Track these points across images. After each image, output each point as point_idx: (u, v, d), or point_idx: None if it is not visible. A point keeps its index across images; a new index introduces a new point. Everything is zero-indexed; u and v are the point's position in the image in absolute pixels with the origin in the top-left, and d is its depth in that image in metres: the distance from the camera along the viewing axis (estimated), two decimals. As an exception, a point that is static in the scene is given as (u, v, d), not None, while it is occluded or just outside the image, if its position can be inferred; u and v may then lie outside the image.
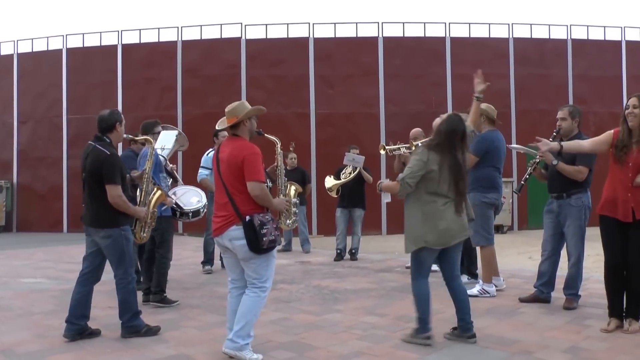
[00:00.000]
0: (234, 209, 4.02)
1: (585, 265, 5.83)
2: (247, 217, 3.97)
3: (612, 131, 4.72)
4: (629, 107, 4.54)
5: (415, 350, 4.23)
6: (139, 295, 6.08)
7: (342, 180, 9.25)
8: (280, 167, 5.01)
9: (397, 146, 7.74)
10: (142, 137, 5.64)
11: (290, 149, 10.23)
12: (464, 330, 4.43)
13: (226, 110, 4.21)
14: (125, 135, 5.07)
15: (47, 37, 16.71)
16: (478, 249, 6.40)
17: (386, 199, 4.67)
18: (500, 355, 4.07)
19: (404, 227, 4.49)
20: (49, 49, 16.65)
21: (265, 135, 4.81)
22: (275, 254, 4.23)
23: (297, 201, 5.58)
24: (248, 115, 4.19)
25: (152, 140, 5.43)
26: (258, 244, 3.94)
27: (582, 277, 5.58)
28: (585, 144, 4.93)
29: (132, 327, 4.73)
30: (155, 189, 5.31)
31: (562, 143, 4.99)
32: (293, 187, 9.17)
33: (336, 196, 9.39)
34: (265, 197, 4.06)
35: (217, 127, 4.44)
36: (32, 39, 16.89)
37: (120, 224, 4.73)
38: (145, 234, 5.19)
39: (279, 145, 4.99)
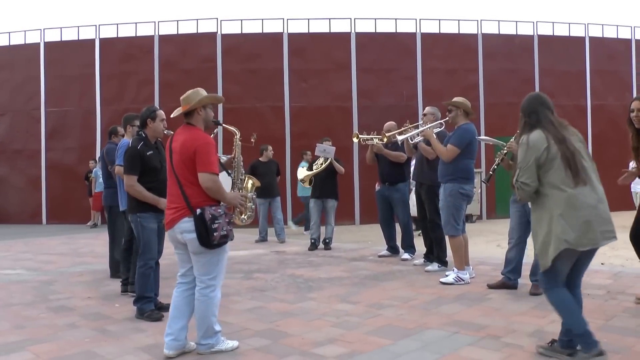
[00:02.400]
0: (185, 201, 3.86)
1: (550, 252, 6.00)
2: (198, 210, 3.79)
3: None
4: (634, 110, 4.59)
5: (387, 336, 4.27)
6: (118, 284, 6.17)
7: (314, 171, 9.36)
8: (237, 159, 4.68)
9: (370, 136, 8.01)
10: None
11: (252, 140, 10.25)
12: (563, 345, 3.72)
13: (181, 98, 4.02)
14: (166, 132, 5.16)
15: (25, 31, 16.44)
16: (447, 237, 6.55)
17: None
18: (468, 340, 4.13)
19: (533, 236, 3.72)
20: (27, 42, 16.40)
21: (224, 125, 4.60)
22: (228, 249, 4.04)
23: (254, 195, 5.42)
24: (201, 103, 3.99)
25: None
26: (208, 239, 3.78)
27: (547, 264, 5.75)
28: None
29: (137, 309, 5.06)
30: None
31: None
32: (250, 181, 9.18)
33: (309, 186, 9.52)
34: (217, 189, 3.85)
35: (171, 116, 4.23)
36: (9, 33, 16.59)
37: (136, 211, 5.07)
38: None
39: (237, 136, 4.67)
